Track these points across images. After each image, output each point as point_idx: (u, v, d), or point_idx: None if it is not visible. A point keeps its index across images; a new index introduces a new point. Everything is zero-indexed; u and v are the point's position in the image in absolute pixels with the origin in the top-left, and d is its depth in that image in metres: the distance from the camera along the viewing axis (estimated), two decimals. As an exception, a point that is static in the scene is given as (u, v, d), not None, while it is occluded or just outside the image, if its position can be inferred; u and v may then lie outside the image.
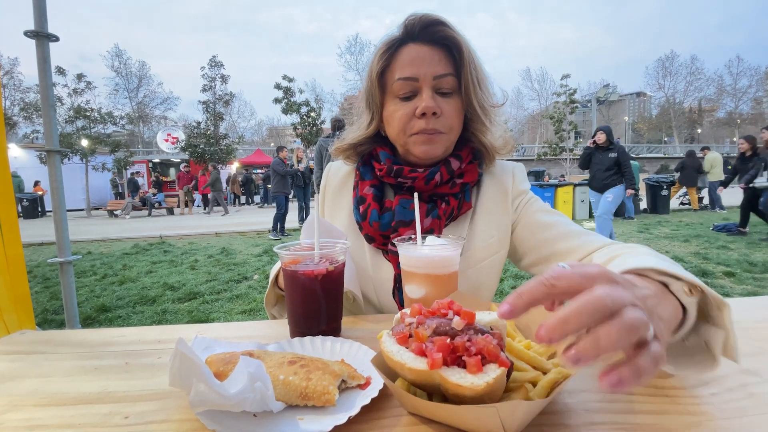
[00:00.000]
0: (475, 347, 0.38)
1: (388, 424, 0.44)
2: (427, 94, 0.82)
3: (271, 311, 0.89)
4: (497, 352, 0.38)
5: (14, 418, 0.47)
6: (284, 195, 8.18)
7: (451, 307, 0.44)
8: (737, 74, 47.78)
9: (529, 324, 0.62)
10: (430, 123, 0.82)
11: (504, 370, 0.37)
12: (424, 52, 0.83)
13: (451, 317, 0.42)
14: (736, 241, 6.00)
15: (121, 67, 34.17)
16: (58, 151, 2.27)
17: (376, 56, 0.86)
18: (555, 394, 0.39)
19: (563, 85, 19.84)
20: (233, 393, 0.40)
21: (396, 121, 0.85)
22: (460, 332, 0.40)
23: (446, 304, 0.45)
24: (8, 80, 25.58)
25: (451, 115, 0.85)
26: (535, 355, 0.45)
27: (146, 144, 35.31)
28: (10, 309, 0.99)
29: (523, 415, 0.37)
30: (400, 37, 0.86)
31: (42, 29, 2.15)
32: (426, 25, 0.83)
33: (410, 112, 0.84)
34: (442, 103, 0.83)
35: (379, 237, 0.88)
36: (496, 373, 0.36)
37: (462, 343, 0.39)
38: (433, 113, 0.82)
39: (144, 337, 0.73)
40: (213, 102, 18.57)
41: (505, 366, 0.37)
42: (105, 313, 3.61)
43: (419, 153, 0.86)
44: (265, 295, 0.87)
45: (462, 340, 0.39)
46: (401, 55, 0.85)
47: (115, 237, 8.74)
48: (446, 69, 0.84)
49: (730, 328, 0.46)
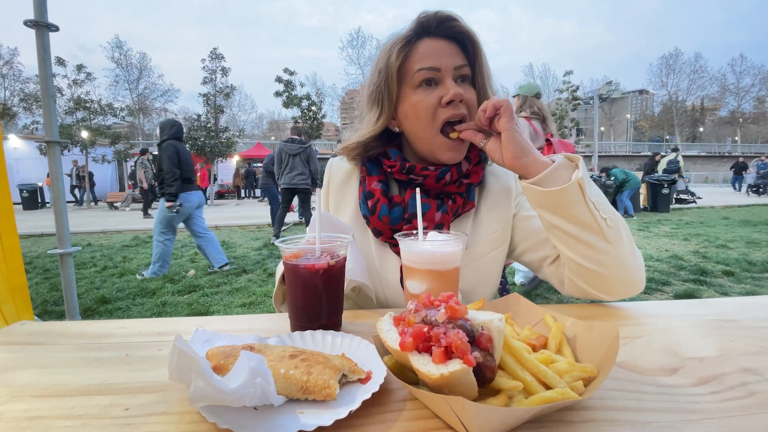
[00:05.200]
0: (445, 340, 0.40)
1: (389, 419, 0.44)
2: (450, 82, 0.85)
3: (279, 309, 0.90)
4: (465, 350, 0.39)
5: (14, 409, 0.47)
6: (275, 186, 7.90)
7: (447, 301, 0.45)
8: (740, 73, 47.59)
9: (528, 322, 0.62)
10: (458, 109, 0.85)
11: (465, 368, 0.38)
12: (441, 45, 0.86)
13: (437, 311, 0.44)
14: (735, 240, 6.00)
15: (121, 58, 33.96)
16: (57, 142, 2.27)
17: (393, 50, 0.87)
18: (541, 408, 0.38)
19: (566, 81, 19.76)
20: (233, 388, 0.40)
21: (422, 111, 0.86)
22: (440, 324, 0.42)
23: (446, 297, 0.46)
24: (8, 70, 25.45)
25: (472, 103, 0.88)
26: (546, 370, 0.44)
27: (146, 136, 35.17)
28: (8, 300, 0.99)
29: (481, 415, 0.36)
30: (414, 33, 0.88)
31: (42, 19, 2.13)
32: (441, 21, 0.86)
33: (435, 102, 0.85)
34: (465, 91, 0.86)
35: (388, 230, 0.91)
36: (455, 367, 0.38)
37: (437, 334, 0.41)
38: (459, 100, 0.85)
39: (144, 329, 0.73)
40: (213, 95, 18.41)
41: (470, 365, 0.38)
42: (105, 304, 3.62)
43: (446, 159, 0.88)
44: (274, 293, 0.88)
45: (438, 331, 0.41)
46: (419, 49, 0.87)
47: (115, 229, 8.74)
48: (463, 60, 0.87)
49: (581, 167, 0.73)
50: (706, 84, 49.32)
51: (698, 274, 4.11)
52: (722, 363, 0.55)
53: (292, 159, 6.06)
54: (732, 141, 47.99)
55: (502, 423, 0.39)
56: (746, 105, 49.05)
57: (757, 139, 48.38)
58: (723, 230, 7.06)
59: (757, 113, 48.90)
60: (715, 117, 52.28)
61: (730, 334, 0.65)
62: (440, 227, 0.88)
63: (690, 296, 3.50)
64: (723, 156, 36.26)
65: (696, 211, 10.67)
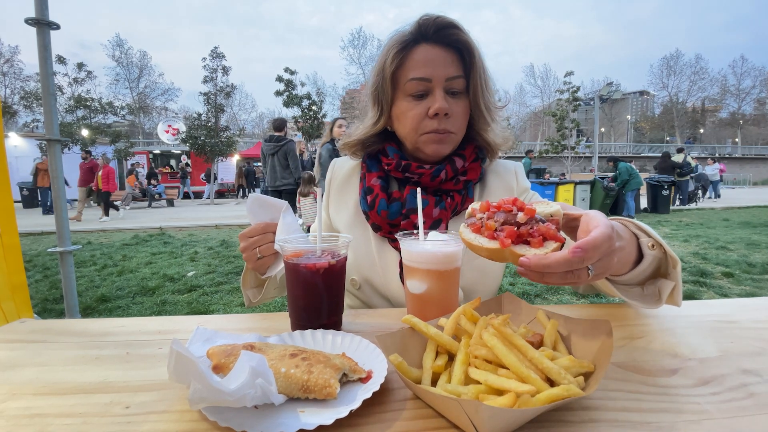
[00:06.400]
0: (537, 232, 0.50)
1: (390, 418, 0.44)
2: (439, 95, 0.85)
3: (246, 292, 0.90)
4: (555, 233, 0.50)
5: (14, 407, 0.47)
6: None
7: (515, 204, 0.54)
8: (741, 74, 47.60)
9: (522, 320, 0.62)
10: (441, 123, 0.86)
11: (559, 244, 0.49)
12: (437, 53, 0.86)
13: (515, 212, 0.52)
14: (735, 241, 6.00)
15: (122, 57, 34.02)
16: (58, 140, 2.26)
17: (389, 54, 0.88)
18: (547, 407, 0.39)
19: (566, 82, 19.78)
20: (233, 389, 0.40)
21: (408, 120, 0.88)
22: (524, 224, 0.51)
23: (511, 200, 0.54)
24: (8, 68, 25.44)
25: (460, 116, 0.89)
26: (552, 366, 0.44)
27: (147, 135, 35.19)
28: (8, 298, 0.99)
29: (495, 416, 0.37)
30: (412, 37, 0.87)
31: (43, 17, 2.13)
32: (440, 28, 0.85)
33: (423, 112, 0.86)
34: (452, 104, 0.87)
35: (386, 225, 0.92)
36: (552, 246, 0.49)
37: (526, 230, 0.50)
38: (444, 114, 0.85)
39: (144, 328, 0.73)
40: (214, 93, 18.43)
41: (561, 242, 0.49)
42: (105, 303, 3.61)
43: (430, 152, 0.89)
44: (242, 276, 0.89)
45: (527, 228, 0.50)
46: (414, 55, 0.87)
47: (115, 228, 8.73)
48: (457, 71, 0.87)
49: (678, 281, 0.65)
50: (706, 85, 49.41)
51: (698, 276, 4.11)
52: (722, 364, 0.55)
53: (270, 159, 5.60)
54: (732, 143, 47.99)
55: (513, 423, 0.40)
56: (747, 107, 49.13)
57: (758, 140, 48.40)
58: (723, 232, 7.06)
59: (757, 115, 48.92)
60: (715, 118, 52.28)
61: (729, 336, 0.65)
62: (438, 223, 0.89)
63: (690, 297, 3.49)
64: (724, 158, 36.25)
65: (696, 212, 10.66)
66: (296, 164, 5.63)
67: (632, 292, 0.68)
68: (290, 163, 5.57)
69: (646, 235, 0.65)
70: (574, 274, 0.46)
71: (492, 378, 0.43)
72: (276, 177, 5.62)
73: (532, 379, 0.42)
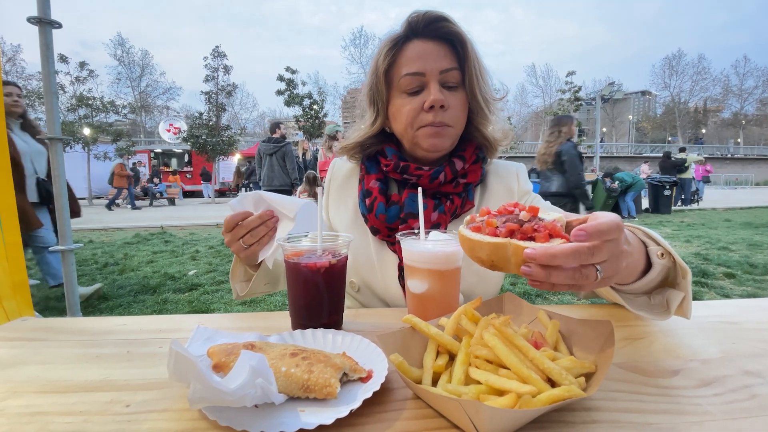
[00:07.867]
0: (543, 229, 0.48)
1: (390, 418, 0.44)
2: (434, 87, 0.84)
3: (234, 285, 0.90)
4: (561, 231, 0.48)
5: (15, 405, 0.47)
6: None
7: (516, 206, 0.53)
8: (743, 74, 47.47)
9: (523, 321, 0.62)
10: (438, 116, 0.84)
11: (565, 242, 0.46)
12: (429, 47, 0.85)
13: (518, 213, 0.51)
14: (737, 242, 5.99)
15: (123, 55, 34.09)
16: (60, 139, 2.27)
17: (381, 53, 0.87)
18: (548, 408, 0.39)
19: (568, 82, 19.73)
20: (233, 389, 0.40)
21: (404, 115, 0.87)
22: (527, 221, 0.50)
23: (512, 204, 0.54)
24: (11, 67, 25.47)
25: (457, 108, 0.87)
26: (553, 366, 0.44)
27: (148, 134, 35.26)
28: (9, 296, 0.99)
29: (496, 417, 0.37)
30: (403, 34, 0.87)
31: (45, 16, 2.14)
32: (430, 22, 0.85)
33: (418, 107, 0.85)
34: (449, 97, 0.85)
35: (385, 229, 0.91)
36: (558, 241, 0.46)
37: (530, 227, 0.48)
38: (440, 106, 0.84)
39: (145, 326, 0.73)
40: (215, 93, 18.48)
41: (567, 239, 0.47)
42: (106, 301, 3.62)
43: (427, 146, 0.88)
44: (231, 268, 0.88)
45: (530, 225, 0.49)
46: (406, 52, 0.86)
47: (117, 226, 8.75)
48: (451, 63, 0.86)
49: (688, 291, 0.61)
50: (708, 85, 49.32)
51: (699, 276, 4.09)
52: (724, 365, 0.55)
53: (268, 159, 5.80)
54: (734, 143, 47.85)
55: (513, 424, 0.40)
56: (749, 107, 48.97)
57: (760, 141, 48.25)
58: (724, 232, 7.04)
59: (760, 115, 48.76)
60: (717, 119, 52.12)
61: (731, 337, 0.65)
62: (437, 227, 0.88)
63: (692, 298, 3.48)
64: (725, 158, 36.16)
65: (697, 212, 10.63)
66: (293, 165, 5.88)
67: (638, 301, 0.66)
68: (287, 164, 5.83)
69: (654, 243, 0.63)
70: (581, 273, 0.43)
71: (493, 378, 0.43)
72: (273, 177, 5.81)
73: (533, 379, 0.42)
